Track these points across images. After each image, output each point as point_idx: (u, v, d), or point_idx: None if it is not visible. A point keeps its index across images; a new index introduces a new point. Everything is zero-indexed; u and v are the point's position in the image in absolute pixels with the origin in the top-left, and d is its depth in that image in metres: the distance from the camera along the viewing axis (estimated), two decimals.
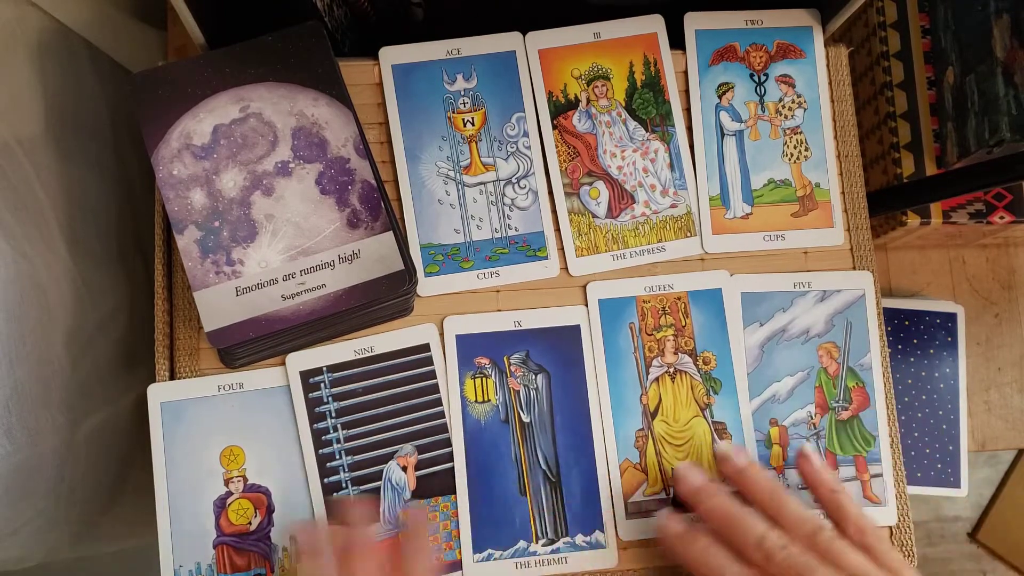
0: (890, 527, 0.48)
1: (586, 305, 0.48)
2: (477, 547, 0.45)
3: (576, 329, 0.48)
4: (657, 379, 0.48)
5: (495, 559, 0.45)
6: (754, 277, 0.49)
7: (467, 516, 0.45)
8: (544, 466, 0.46)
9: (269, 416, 0.45)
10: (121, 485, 0.57)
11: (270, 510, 0.45)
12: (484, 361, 0.47)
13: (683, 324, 0.48)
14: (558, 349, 0.47)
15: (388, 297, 0.44)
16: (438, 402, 0.46)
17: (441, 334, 0.47)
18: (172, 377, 0.46)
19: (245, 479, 0.45)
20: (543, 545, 0.46)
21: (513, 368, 0.47)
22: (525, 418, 0.47)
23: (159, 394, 0.45)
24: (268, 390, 0.45)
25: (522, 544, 0.46)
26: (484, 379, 0.47)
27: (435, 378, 0.47)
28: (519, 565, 0.45)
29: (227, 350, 0.44)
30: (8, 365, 0.41)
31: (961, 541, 1.33)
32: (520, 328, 0.47)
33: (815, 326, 0.49)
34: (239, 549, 0.44)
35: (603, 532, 0.46)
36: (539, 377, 0.47)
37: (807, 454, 0.44)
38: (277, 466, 0.45)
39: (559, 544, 0.46)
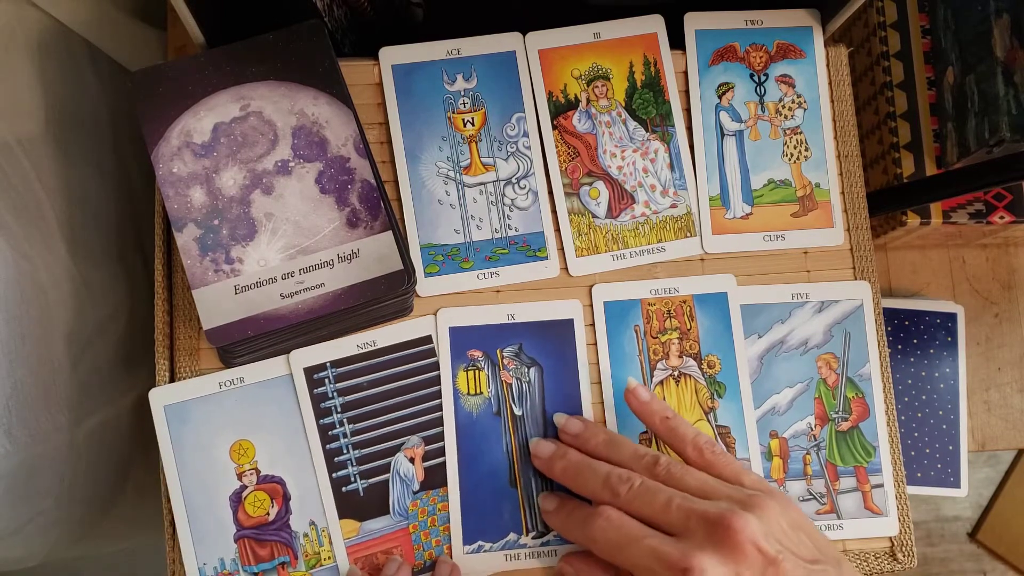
0: (890, 538, 0.48)
1: (591, 305, 0.48)
2: (467, 539, 0.45)
3: (569, 323, 0.48)
4: (661, 382, 0.48)
5: (485, 551, 0.45)
6: (752, 289, 0.49)
7: (457, 508, 0.46)
8: None
9: (273, 407, 0.45)
10: (121, 485, 0.57)
11: (287, 498, 0.45)
12: (477, 354, 0.47)
13: (688, 328, 0.48)
14: (551, 342, 0.47)
15: (387, 296, 0.44)
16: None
17: (435, 326, 0.47)
18: (172, 377, 0.46)
19: (258, 471, 0.45)
20: (533, 537, 0.46)
21: (506, 361, 0.47)
22: (517, 411, 0.47)
23: (162, 397, 0.45)
24: (269, 381, 0.45)
25: (512, 536, 0.45)
26: (477, 372, 0.47)
27: (439, 369, 0.47)
28: (509, 557, 0.45)
29: (226, 349, 0.44)
30: (8, 365, 0.41)
31: (961, 541, 1.34)
32: (513, 321, 0.47)
33: (814, 337, 0.49)
34: (260, 540, 0.44)
35: None
36: (532, 370, 0.47)
37: (632, 388, 0.45)
38: (288, 455, 0.45)
39: (549, 536, 0.46)
